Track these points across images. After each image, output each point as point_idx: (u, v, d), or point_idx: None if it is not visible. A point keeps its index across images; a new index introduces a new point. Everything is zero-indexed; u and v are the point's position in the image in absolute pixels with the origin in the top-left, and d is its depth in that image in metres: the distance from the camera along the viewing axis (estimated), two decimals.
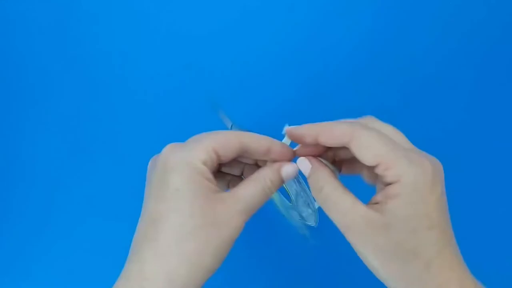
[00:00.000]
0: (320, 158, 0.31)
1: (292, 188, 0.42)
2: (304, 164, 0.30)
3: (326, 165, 0.30)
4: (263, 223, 0.49)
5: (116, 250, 0.49)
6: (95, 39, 0.53)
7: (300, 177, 0.40)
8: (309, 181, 0.30)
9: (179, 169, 0.27)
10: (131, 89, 0.52)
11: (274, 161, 0.31)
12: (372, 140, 0.27)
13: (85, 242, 0.49)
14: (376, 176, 0.29)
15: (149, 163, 0.31)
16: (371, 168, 0.28)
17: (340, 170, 0.33)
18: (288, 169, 0.30)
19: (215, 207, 0.27)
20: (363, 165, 0.28)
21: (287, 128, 0.30)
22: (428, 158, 0.27)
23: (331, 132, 0.28)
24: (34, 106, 0.52)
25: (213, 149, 0.28)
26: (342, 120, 0.30)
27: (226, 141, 0.29)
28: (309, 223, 0.42)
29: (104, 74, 0.53)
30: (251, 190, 0.29)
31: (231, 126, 0.41)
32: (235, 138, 0.29)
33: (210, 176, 0.28)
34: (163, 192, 0.27)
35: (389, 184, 0.26)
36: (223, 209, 0.27)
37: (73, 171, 0.51)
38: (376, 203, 0.27)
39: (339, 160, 0.33)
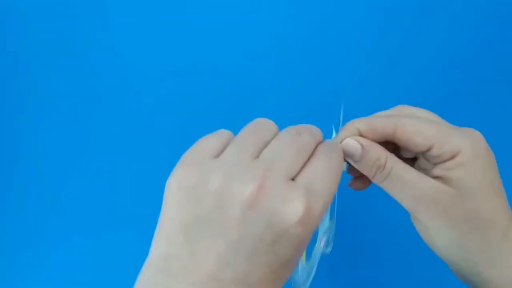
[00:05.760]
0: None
1: None
2: (355, 143, 0.27)
3: None
4: None
5: (116, 252, 0.49)
6: (96, 37, 0.52)
7: None
8: (364, 159, 0.27)
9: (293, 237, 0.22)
10: (133, 89, 0.51)
11: None
12: (418, 125, 0.26)
13: (85, 245, 0.48)
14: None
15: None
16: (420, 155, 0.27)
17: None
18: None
19: None
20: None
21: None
22: (471, 129, 0.27)
23: (373, 126, 0.27)
24: (31, 109, 0.51)
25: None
26: (377, 113, 0.29)
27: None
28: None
29: (106, 73, 0.51)
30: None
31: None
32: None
33: None
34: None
35: (446, 160, 0.26)
36: None
37: (73, 173, 0.50)
38: (437, 177, 0.26)
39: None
